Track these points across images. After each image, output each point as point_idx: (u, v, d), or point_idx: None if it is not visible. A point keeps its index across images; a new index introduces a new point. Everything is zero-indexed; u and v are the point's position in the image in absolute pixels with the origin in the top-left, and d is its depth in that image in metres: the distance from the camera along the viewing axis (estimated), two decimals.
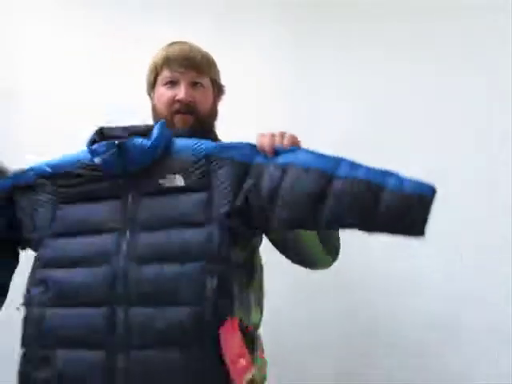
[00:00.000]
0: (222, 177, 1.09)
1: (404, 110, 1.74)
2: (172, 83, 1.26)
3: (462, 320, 1.66)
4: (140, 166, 1.10)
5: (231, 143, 1.13)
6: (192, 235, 1.06)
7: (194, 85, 1.26)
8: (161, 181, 1.09)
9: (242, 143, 1.12)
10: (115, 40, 1.82)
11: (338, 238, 1.22)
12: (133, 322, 1.01)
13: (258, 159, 1.09)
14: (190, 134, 1.20)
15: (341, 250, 1.22)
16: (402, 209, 0.98)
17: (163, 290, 1.02)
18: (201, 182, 1.09)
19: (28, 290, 1.09)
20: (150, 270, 1.03)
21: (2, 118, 1.83)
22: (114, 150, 1.09)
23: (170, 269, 1.03)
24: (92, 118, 1.79)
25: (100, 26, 1.82)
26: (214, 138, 1.30)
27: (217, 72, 1.33)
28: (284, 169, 1.06)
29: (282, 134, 1.10)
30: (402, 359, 1.70)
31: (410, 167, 1.68)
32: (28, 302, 1.08)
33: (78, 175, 1.14)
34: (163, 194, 1.10)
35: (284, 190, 1.05)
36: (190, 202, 1.08)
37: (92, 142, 1.16)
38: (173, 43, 1.30)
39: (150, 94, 1.34)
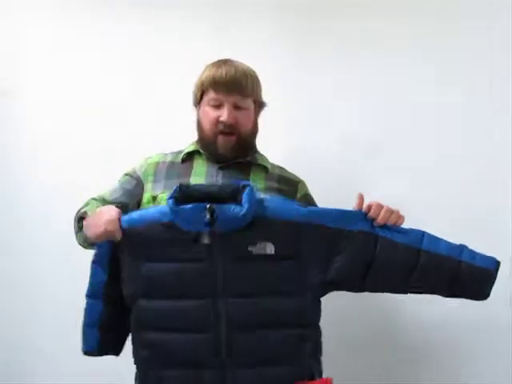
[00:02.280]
0: (313, 244, 1.12)
1: (404, 110, 1.73)
2: (217, 105, 1.30)
3: (462, 320, 1.66)
4: (229, 230, 1.09)
5: (324, 209, 1.15)
6: (286, 304, 1.11)
7: (237, 107, 1.31)
8: (251, 248, 1.10)
9: (335, 210, 1.14)
10: (115, 40, 1.81)
11: None
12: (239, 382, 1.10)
13: (360, 226, 1.13)
14: (232, 155, 1.30)
15: None
16: (476, 280, 1.14)
17: (264, 354, 1.10)
18: (291, 249, 1.11)
19: (137, 351, 1.14)
20: (250, 338, 1.09)
21: (2, 118, 1.83)
22: (207, 215, 1.07)
23: (269, 336, 1.10)
24: (92, 118, 1.81)
25: (100, 25, 1.81)
26: (254, 152, 1.39)
27: (259, 90, 1.38)
28: (381, 242, 1.12)
29: (392, 212, 1.15)
30: (401, 359, 1.70)
31: (410, 167, 1.70)
32: (140, 363, 1.15)
33: (160, 235, 1.11)
34: (252, 260, 1.10)
35: (380, 262, 1.12)
36: (280, 271, 1.11)
37: (173, 198, 1.12)
38: (220, 63, 1.33)
39: (195, 106, 1.39)
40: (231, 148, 1.31)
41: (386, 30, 1.74)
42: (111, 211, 1.15)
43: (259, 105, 1.38)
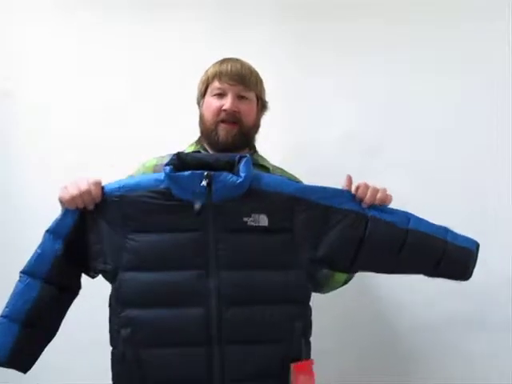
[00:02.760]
0: (306, 219, 1.12)
1: (404, 110, 1.74)
2: (220, 95, 1.32)
3: (462, 320, 1.66)
4: (225, 200, 1.09)
5: (317, 186, 1.15)
6: (279, 278, 1.10)
7: (240, 98, 1.32)
8: (245, 219, 1.09)
9: (328, 188, 1.15)
10: (115, 40, 1.82)
11: None
12: (227, 361, 1.06)
13: (350, 206, 1.13)
14: (233, 145, 1.29)
15: None
16: (461, 260, 1.16)
17: (254, 330, 1.08)
18: (284, 223, 1.11)
19: (117, 331, 1.08)
20: (241, 312, 1.07)
21: (1, 118, 1.83)
22: (205, 182, 1.06)
23: (260, 311, 1.08)
24: (92, 118, 1.81)
25: (100, 25, 1.82)
26: (254, 152, 1.39)
27: (263, 89, 1.40)
28: (371, 220, 1.13)
29: (378, 190, 1.16)
30: (401, 360, 1.70)
31: (410, 166, 1.70)
32: (119, 343, 1.08)
33: (152, 202, 1.08)
34: (246, 232, 1.09)
35: (371, 240, 1.12)
36: (273, 244, 1.10)
37: (169, 165, 1.10)
38: (226, 59, 1.36)
39: (198, 103, 1.40)
40: (232, 137, 1.31)
41: (385, 30, 1.74)
42: (94, 176, 1.12)
43: (262, 103, 1.39)
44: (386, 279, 1.23)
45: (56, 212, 1.78)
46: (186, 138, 1.42)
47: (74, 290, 1.15)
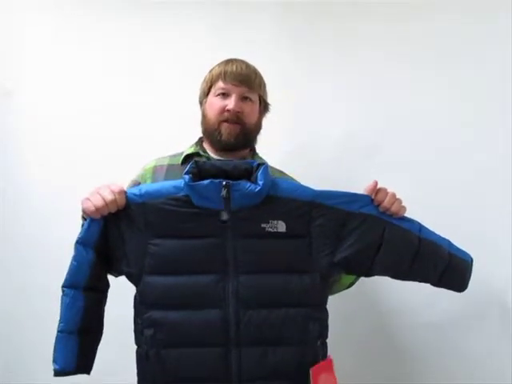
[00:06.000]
0: (324, 225, 1.14)
1: (404, 110, 1.74)
2: (224, 95, 1.32)
3: (461, 320, 1.66)
4: (243, 208, 1.11)
5: (334, 191, 1.16)
6: (295, 282, 1.12)
7: (243, 98, 1.33)
8: (263, 225, 1.12)
9: (345, 192, 1.16)
10: (115, 40, 1.82)
11: None
12: (244, 361, 1.10)
13: (368, 210, 1.15)
14: (235, 145, 1.31)
15: None
16: (461, 271, 1.20)
17: (270, 332, 1.11)
18: (302, 228, 1.13)
19: (142, 332, 1.12)
20: (259, 315, 1.10)
21: (2, 118, 1.83)
22: (224, 191, 1.09)
23: (276, 314, 1.11)
24: (92, 118, 1.81)
25: (100, 26, 1.82)
26: (253, 152, 1.40)
27: (265, 91, 1.41)
28: (389, 226, 1.15)
29: (397, 200, 1.18)
30: (402, 359, 1.70)
31: (410, 167, 1.70)
32: (142, 342, 1.13)
33: (173, 210, 1.11)
34: (264, 237, 1.12)
35: (389, 245, 1.14)
36: (291, 249, 1.13)
37: (189, 174, 1.12)
38: (231, 60, 1.36)
39: (201, 103, 1.39)
40: (235, 136, 1.31)
41: (385, 30, 1.74)
42: (117, 183, 1.13)
43: (264, 105, 1.40)
44: (387, 279, 1.23)
45: (56, 212, 1.79)
46: (186, 138, 1.42)
47: (107, 289, 1.20)
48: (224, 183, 1.09)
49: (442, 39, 1.72)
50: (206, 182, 1.09)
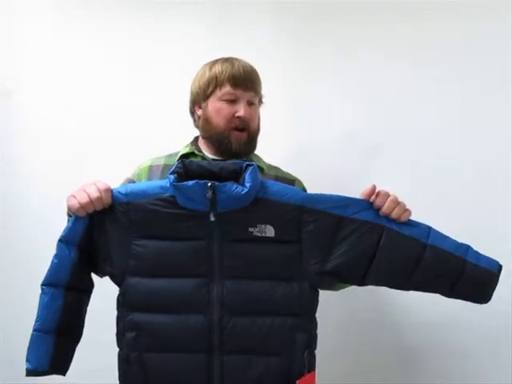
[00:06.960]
0: (315, 230, 1.08)
1: (404, 110, 1.74)
2: (232, 100, 1.28)
3: (461, 320, 1.66)
4: (230, 210, 1.07)
5: (327, 195, 1.10)
6: (282, 290, 1.08)
7: (250, 104, 1.30)
8: (251, 229, 1.07)
9: (339, 196, 1.10)
10: (115, 40, 1.82)
11: None
12: (227, 369, 1.06)
13: (365, 215, 1.08)
14: (245, 152, 1.27)
15: None
16: (480, 282, 1.10)
17: (255, 341, 1.07)
18: (291, 233, 1.08)
19: (123, 334, 1.10)
20: (243, 322, 1.07)
21: (2, 118, 1.83)
22: (209, 193, 1.05)
23: (262, 322, 1.07)
24: (92, 117, 1.81)
25: (100, 26, 1.82)
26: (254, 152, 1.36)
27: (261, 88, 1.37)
28: (386, 233, 1.08)
29: (398, 203, 1.11)
30: (403, 359, 1.70)
31: (411, 167, 1.70)
32: (125, 346, 1.10)
33: (158, 210, 1.08)
34: (252, 241, 1.08)
35: (385, 253, 1.08)
36: (279, 255, 1.08)
37: (175, 173, 1.09)
38: (232, 60, 1.31)
39: (197, 102, 1.34)
40: (244, 144, 1.28)
41: (386, 30, 1.74)
42: (103, 181, 1.11)
43: (259, 102, 1.38)
44: None
45: (56, 212, 1.79)
46: (185, 138, 1.42)
47: (90, 289, 1.17)
48: (209, 184, 1.05)
49: (442, 39, 1.72)
50: (190, 182, 1.05)
